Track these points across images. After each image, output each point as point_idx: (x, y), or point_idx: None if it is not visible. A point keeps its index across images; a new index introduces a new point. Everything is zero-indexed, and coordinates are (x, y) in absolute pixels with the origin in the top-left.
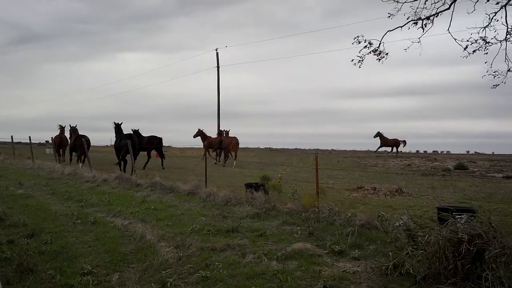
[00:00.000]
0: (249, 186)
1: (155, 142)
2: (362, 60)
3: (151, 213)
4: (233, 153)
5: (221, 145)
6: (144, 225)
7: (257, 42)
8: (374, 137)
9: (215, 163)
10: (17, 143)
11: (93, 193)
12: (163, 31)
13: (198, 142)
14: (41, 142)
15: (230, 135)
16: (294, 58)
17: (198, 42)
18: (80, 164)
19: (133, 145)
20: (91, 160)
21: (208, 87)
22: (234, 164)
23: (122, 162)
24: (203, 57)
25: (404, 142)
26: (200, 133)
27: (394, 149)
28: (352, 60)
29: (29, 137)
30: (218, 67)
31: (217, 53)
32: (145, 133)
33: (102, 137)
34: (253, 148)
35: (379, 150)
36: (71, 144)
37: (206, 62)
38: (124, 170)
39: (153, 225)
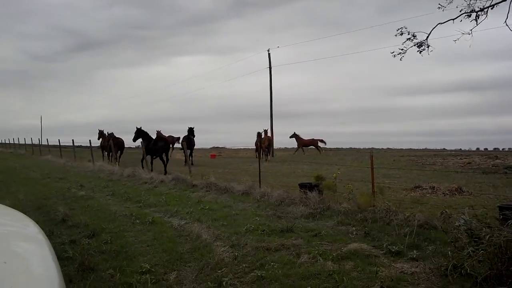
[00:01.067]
0: (303, 186)
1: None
2: (404, 53)
3: (207, 213)
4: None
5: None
6: (200, 225)
7: (309, 41)
8: (290, 137)
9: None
10: (78, 146)
11: (150, 194)
12: (216, 33)
13: (250, 143)
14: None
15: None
16: (347, 56)
17: (250, 43)
18: (116, 163)
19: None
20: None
21: (261, 87)
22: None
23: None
24: (255, 58)
25: (322, 141)
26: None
27: (302, 148)
28: (393, 52)
29: (89, 140)
30: (270, 67)
31: (269, 54)
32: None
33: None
34: (306, 148)
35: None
36: (103, 145)
37: (258, 63)
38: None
39: (208, 225)
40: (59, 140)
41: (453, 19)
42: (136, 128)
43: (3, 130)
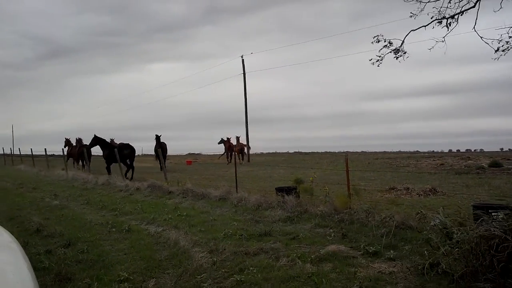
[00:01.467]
0: (280, 190)
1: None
2: (381, 60)
3: (184, 219)
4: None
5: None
6: (178, 232)
7: (282, 47)
8: (219, 143)
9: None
10: (51, 155)
11: (126, 201)
12: (189, 40)
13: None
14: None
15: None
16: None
17: (224, 50)
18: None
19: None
20: (123, 169)
21: (235, 94)
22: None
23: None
24: (229, 64)
25: (247, 146)
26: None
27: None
28: (371, 59)
29: (62, 149)
30: (244, 73)
31: (242, 60)
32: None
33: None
34: (282, 152)
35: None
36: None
37: (232, 70)
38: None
39: (186, 231)
40: (31, 149)
41: (425, 26)
42: (94, 135)
43: None
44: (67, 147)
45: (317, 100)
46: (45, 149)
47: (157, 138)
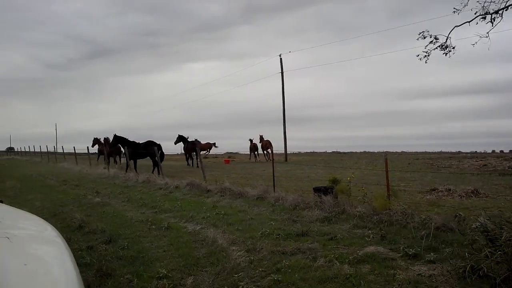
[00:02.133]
0: (317, 190)
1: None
2: (428, 55)
3: (222, 218)
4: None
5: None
6: (216, 230)
7: (320, 46)
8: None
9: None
10: (93, 153)
11: (166, 199)
12: (228, 40)
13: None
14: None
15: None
16: (359, 60)
17: (262, 48)
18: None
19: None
20: (163, 168)
21: (273, 93)
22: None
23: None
24: (267, 63)
25: (214, 144)
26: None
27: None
28: (418, 55)
29: (87, 147)
30: (282, 72)
31: (280, 59)
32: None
33: (171, 146)
34: (320, 152)
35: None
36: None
37: (270, 68)
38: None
39: (224, 230)
40: (74, 147)
41: (469, 22)
42: (114, 135)
43: (18, 138)
44: (96, 145)
45: (356, 99)
46: (88, 147)
47: (181, 137)
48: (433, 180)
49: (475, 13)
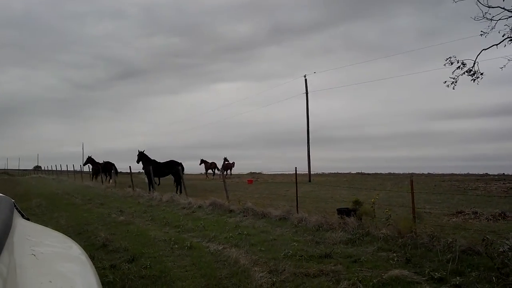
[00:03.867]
0: (341, 211)
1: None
2: (456, 82)
3: (244, 238)
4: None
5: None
6: (238, 250)
7: (347, 66)
8: (200, 164)
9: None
10: (120, 173)
11: (189, 219)
12: (254, 60)
13: (290, 168)
14: (140, 171)
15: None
16: (385, 81)
17: (289, 69)
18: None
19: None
20: (187, 188)
21: (299, 113)
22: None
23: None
24: (293, 83)
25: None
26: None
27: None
28: (445, 82)
29: (129, 167)
30: (307, 93)
31: (305, 79)
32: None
33: (197, 165)
34: (344, 173)
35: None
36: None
37: (296, 89)
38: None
39: (246, 250)
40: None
41: (496, 44)
42: (139, 151)
43: (47, 157)
44: (89, 165)
45: (382, 120)
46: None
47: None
48: (460, 202)
49: (503, 36)
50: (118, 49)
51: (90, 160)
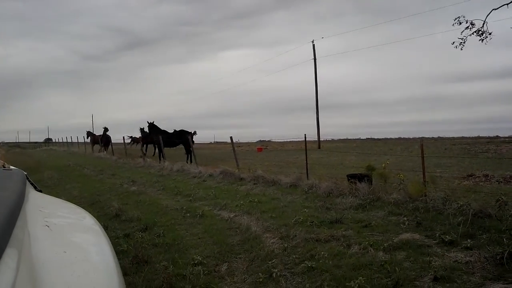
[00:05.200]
0: (352, 176)
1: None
2: (464, 42)
3: (255, 205)
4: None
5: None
6: (249, 217)
7: (356, 30)
8: (87, 137)
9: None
10: (128, 143)
11: (200, 187)
12: (263, 27)
13: (300, 135)
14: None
15: None
16: (395, 45)
17: (298, 35)
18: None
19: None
20: (197, 157)
21: (307, 79)
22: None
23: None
24: (301, 49)
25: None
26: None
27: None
28: (453, 42)
29: (140, 137)
30: (315, 59)
31: (313, 45)
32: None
33: (206, 134)
34: (354, 139)
35: None
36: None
37: (304, 55)
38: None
39: (257, 217)
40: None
41: (507, 4)
42: (148, 122)
43: (56, 129)
44: (89, 137)
45: (391, 84)
46: (123, 137)
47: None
48: (470, 165)
49: None
50: (125, 19)
51: (89, 133)
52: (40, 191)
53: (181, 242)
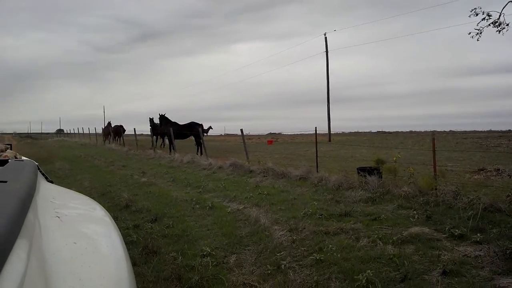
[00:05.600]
0: (362, 170)
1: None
2: (481, 33)
3: (264, 198)
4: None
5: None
6: (258, 210)
7: (369, 23)
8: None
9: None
10: (139, 135)
11: (209, 179)
12: (275, 19)
13: (310, 128)
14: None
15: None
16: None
17: (310, 27)
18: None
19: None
20: (207, 149)
21: (319, 72)
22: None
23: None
24: (313, 42)
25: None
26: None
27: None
28: (470, 33)
29: (150, 129)
30: (327, 52)
31: (325, 38)
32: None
33: (217, 126)
34: (364, 132)
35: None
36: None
37: (316, 47)
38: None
39: (266, 210)
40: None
41: None
42: (160, 114)
43: (68, 120)
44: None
45: (403, 78)
46: (134, 128)
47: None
48: (482, 159)
49: None
50: (137, 10)
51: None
52: (52, 181)
53: (190, 233)
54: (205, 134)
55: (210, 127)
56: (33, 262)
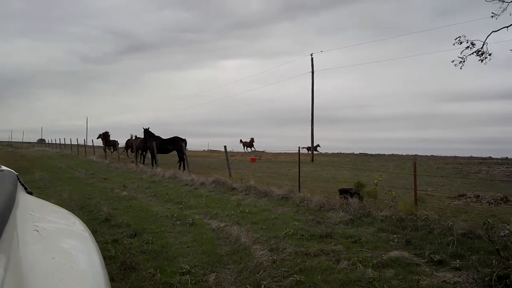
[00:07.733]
0: (343, 191)
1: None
2: (464, 61)
3: (246, 216)
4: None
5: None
6: (239, 228)
7: (357, 45)
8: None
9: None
10: (121, 147)
11: (191, 195)
12: (265, 37)
13: (293, 148)
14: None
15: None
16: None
17: (299, 47)
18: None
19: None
20: (190, 164)
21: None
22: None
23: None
24: (301, 61)
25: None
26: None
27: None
28: (453, 61)
29: (133, 142)
30: (312, 72)
31: (311, 58)
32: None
33: (200, 142)
34: (347, 153)
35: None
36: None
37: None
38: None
39: (247, 228)
40: (104, 141)
41: (507, 27)
42: (144, 128)
43: (51, 130)
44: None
45: (389, 101)
46: (117, 141)
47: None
48: (462, 185)
49: None
50: (127, 22)
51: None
52: (31, 193)
53: (170, 250)
54: (252, 148)
55: (252, 140)
56: (10, 276)
